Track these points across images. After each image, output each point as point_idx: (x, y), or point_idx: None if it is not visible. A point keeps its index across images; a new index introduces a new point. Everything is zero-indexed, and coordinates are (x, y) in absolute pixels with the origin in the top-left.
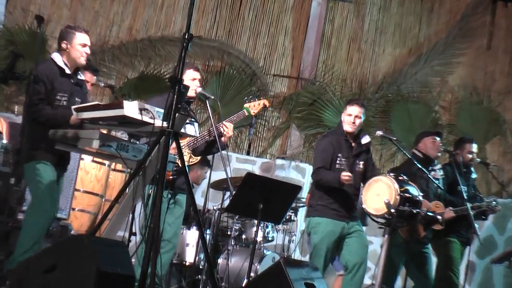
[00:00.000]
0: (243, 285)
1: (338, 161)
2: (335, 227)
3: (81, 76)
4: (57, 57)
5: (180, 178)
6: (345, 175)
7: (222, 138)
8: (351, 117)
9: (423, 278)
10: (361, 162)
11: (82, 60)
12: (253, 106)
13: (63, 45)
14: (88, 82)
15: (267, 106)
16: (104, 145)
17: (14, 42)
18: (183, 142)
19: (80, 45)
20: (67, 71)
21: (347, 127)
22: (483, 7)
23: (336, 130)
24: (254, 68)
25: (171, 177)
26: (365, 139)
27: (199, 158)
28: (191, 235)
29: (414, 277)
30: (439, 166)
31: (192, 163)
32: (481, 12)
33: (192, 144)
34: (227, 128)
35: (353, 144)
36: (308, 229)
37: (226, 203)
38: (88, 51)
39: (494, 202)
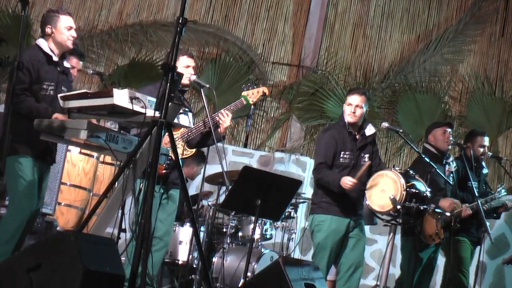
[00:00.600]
0: (239, 286)
1: (341, 156)
2: (340, 225)
3: (66, 64)
4: (43, 43)
5: (174, 172)
6: (348, 182)
7: (219, 129)
8: (351, 106)
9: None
10: (366, 155)
11: (69, 44)
12: (252, 94)
13: (48, 30)
14: (74, 68)
15: (267, 94)
16: (92, 136)
17: None
18: (177, 134)
19: (66, 28)
20: (54, 58)
21: (348, 117)
22: None
23: (339, 122)
24: (252, 55)
25: (163, 171)
26: (370, 130)
27: (193, 150)
28: (184, 232)
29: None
30: (451, 158)
31: (186, 156)
32: None
33: (186, 135)
34: (225, 117)
35: (357, 136)
36: (311, 227)
37: (222, 198)
38: (75, 34)
39: (503, 190)
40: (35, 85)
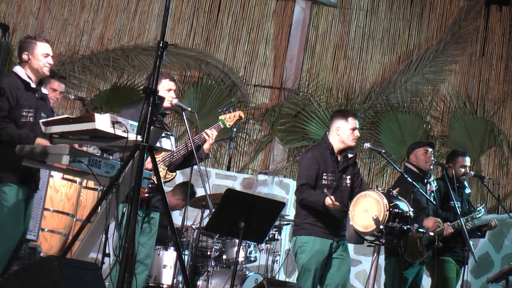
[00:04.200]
0: None
1: (324, 177)
2: (323, 246)
3: (45, 90)
4: (20, 70)
5: (156, 196)
6: (331, 201)
7: (205, 146)
8: (356, 131)
9: None
10: (348, 177)
11: (46, 71)
12: (228, 118)
13: (24, 57)
14: (56, 91)
15: (243, 117)
16: (74, 161)
17: None
18: (158, 157)
19: (42, 55)
20: (32, 84)
21: (352, 142)
22: (476, 11)
23: (321, 143)
24: (233, 78)
25: (146, 194)
26: (351, 153)
27: (174, 174)
28: (169, 256)
29: None
30: (433, 178)
31: (168, 179)
32: (474, 16)
33: (167, 159)
34: (211, 134)
35: (339, 158)
36: (294, 249)
37: (205, 221)
38: (51, 62)
39: (483, 210)
40: (15, 112)
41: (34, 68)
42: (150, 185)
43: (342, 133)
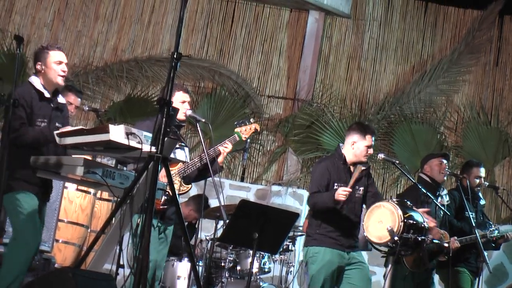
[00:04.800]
0: None
1: (335, 187)
2: (334, 257)
3: (61, 99)
4: (35, 80)
5: (171, 208)
6: (341, 192)
7: (219, 159)
8: (371, 149)
9: None
10: (361, 188)
11: (60, 80)
12: (244, 131)
13: (38, 67)
14: (71, 105)
15: (258, 130)
16: (89, 172)
17: None
18: (173, 170)
19: (55, 63)
20: (46, 94)
21: (363, 158)
22: (489, 21)
23: (334, 154)
24: (247, 89)
25: (162, 206)
26: (364, 166)
27: (190, 186)
28: (183, 267)
29: None
30: (445, 192)
31: (183, 191)
32: (487, 26)
33: (182, 171)
34: (227, 147)
35: (351, 169)
36: (305, 259)
37: (219, 232)
38: (65, 69)
39: (496, 232)
40: (29, 121)
41: (48, 77)
42: (165, 197)
43: (357, 148)
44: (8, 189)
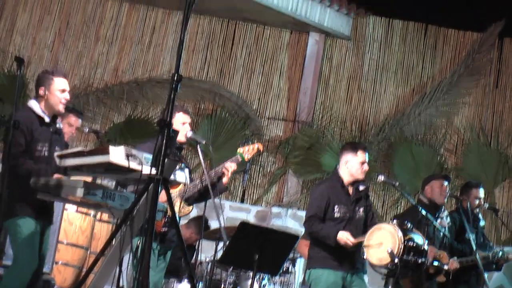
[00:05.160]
0: None
1: (336, 209)
2: (337, 278)
3: (59, 124)
4: (34, 105)
5: (172, 230)
6: (346, 239)
7: (224, 179)
8: (365, 164)
9: None
10: (361, 209)
11: (61, 108)
12: (247, 151)
13: (41, 92)
14: (72, 126)
15: (261, 150)
16: (89, 193)
17: None
18: (174, 191)
19: (59, 90)
20: (46, 119)
21: (361, 175)
22: (489, 43)
23: (332, 176)
24: (247, 111)
25: (163, 228)
26: (362, 185)
27: (191, 208)
28: None
29: None
30: (446, 213)
31: (185, 213)
32: (487, 48)
33: (183, 193)
34: (230, 168)
35: (350, 191)
36: (308, 281)
37: (220, 254)
38: (68, 97)
39: (500, 253)
40: (30, 146)
41: (49, 103)
42: (166, 219)
43: (351, 166)
44: (10, 214)
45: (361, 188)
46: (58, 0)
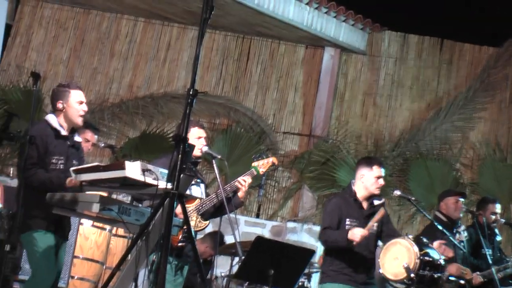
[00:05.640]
0: None
1: (347, 223)
2: None
3: (77, 138)
4: (51, 119)
5: (189, 245)
6: (357, 233)
7: (239, 193)
8: (381, 179)
9: None
10: (375, 224)
11: (80, 121)
12: (262, 165)
13: (59, 105)
14: (88, 142)
15: (276, 164)
16: (104, 208)
17: (8, 101)
18: (191, 206)
19: (77, 102)
20: (63, 132)
21: (375, 190)
22: (505, 59)
23: (346, 191)
24: (262, 126)
25: (179, 243)
26: (377, 200)
27: (207, 223)
28: None
29: None
30: (463, 227)
31: (200, 228)
32: (503, 64)
33: (200, 208)
34: (245, 182)
35: (364, 205)
36: None
37: (235, 269)
38: (86, 109)
39: (510, 263)
40: (44, 160)
41: (69, 116)
42: (183, 234)
43: (366, 181)
44: (26, 228)
45: (376, 203)
46: (74, 16)
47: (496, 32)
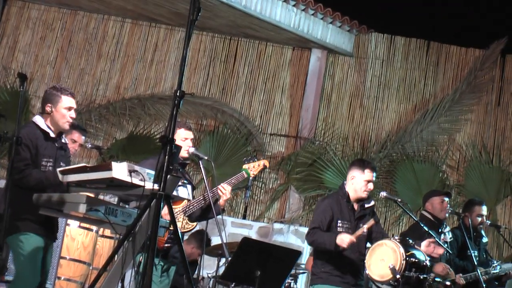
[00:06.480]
0: None
1: (339, 224)
2: None
3: (64, 140)
4: (39, 120)
5: (175, 246)
6: (345, 239)
7: (220, 201)
8: (370, 183)
9: None
10: (365, 226)
11: (66, 126)
12: (253, 167)
13: (47, 108)
14: (76, 143)
15: (267, 167)
16: (91, 209)
17: None
18: (178, 207)
19: (66, 108)
20: (51, 134)
21: (364, 193)
22: (491, 61)
23: (338, 191)
24: (249, 127)
25: (166, 244)
26: (369, 203)
27: (194, 224)
28: None
29: None
30: (448, 229)
31: (188, 229)
32: (489, 66)
33: (187, 209)
34: (225, 190)
35: (355, 207)
36: None
37: (221, 270)
38: (74, 115)
39: (498, 268)
40: (35, 162)
41: (55, 120)
42: (169, 235)
43: (356, 183)
44: (13, 230)
45: (367, 205)
46: (61, 17)
47: (482, 35)
